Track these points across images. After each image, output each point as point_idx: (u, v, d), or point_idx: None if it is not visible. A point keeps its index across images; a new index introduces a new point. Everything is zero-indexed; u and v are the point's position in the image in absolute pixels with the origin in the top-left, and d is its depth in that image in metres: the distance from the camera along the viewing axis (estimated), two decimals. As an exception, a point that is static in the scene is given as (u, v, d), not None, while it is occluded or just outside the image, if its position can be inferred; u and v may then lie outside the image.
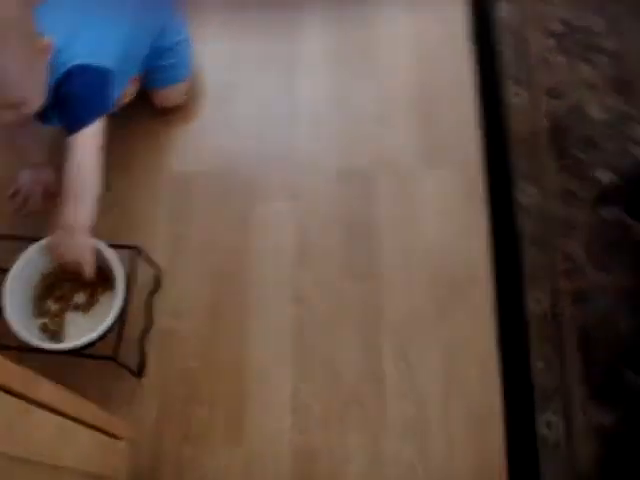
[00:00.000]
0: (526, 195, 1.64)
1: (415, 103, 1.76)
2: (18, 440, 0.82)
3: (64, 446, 0.97)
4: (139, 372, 1.50)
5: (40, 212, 1.66)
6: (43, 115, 1.46)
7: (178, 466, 1.44)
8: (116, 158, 1.68)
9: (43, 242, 1.45)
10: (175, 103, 1.79)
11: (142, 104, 1.76)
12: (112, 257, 1.42)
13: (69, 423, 1.00)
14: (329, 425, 1.45)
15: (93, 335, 1.35)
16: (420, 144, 1.71)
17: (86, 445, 1.08)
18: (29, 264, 1.45)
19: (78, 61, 1.40)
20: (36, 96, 1.36)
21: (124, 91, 1.64)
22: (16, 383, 0.82)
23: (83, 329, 1.41)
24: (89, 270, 1.42)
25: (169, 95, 1.76)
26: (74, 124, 1.41)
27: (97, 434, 1.13)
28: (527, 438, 1.44)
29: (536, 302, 1.53)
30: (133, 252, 1.46)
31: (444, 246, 1.60)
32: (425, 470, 1.41)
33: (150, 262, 1.55)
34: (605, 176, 1.66)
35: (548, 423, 1.44)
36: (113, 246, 1.44)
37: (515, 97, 1.74)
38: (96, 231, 1.43)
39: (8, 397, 0.80)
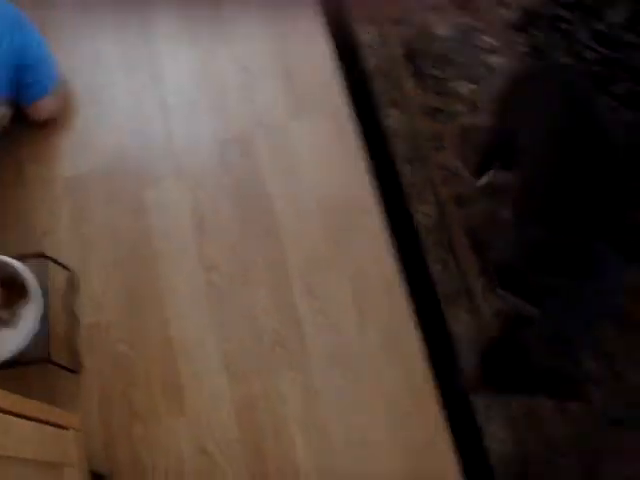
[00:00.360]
0: (393, 119, 1.74)
1: (274, 64, 1.85)
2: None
3: (9, 439, 1.05)
4: (75, 369, 1.58)
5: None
6: None
7: (130, 444, 1.53)
8: (10, 177, 1.77)
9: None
10: (50, 114, 1.84)
11: (22, 122, 1.82)
12: (21, 268, 1.49)
13: (11, 419, 1.08)
14: (260, 374, 1.55)
15: (18, 341, 1.43)
16: (287, 100, 1.80)
17: (30, 436, 1.15)
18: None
19: None
20: None
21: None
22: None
23: (15, 342, 1.48)
24: None
25: (42, 108, 1.81)
26: None
27: (41, 426, 1.20)
28: (443, 337, 1.56)
29: (424, 215, 1.65)
30: (41, 260, 1.54)
31: (329, 186, 1.70)
32: (357, 390, 1.53)
33: (62, 266, 1.62)
34: (463, 87, 1.77)
35: (456, 315, 1.57)
36: (21, 258, 1.51)
37: (366, 34, 1.84)
38: (5, 249, 1.51)
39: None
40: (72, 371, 1.57)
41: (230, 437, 1.52)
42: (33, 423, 1.17)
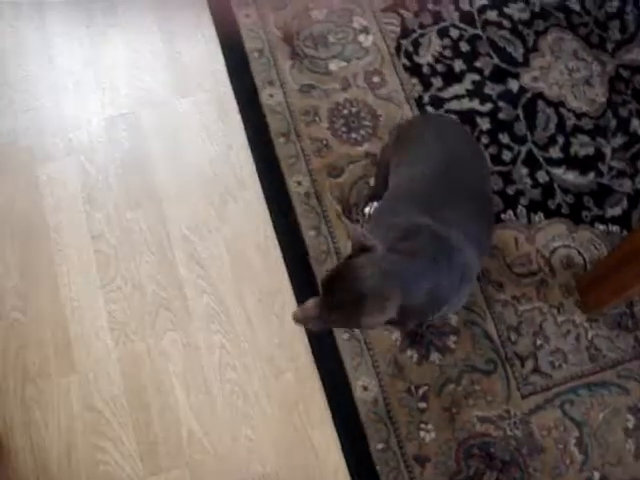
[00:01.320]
0: (271, 97, 1.86)
1: (162, 47, 1.96)
2: None
3: None
4: (-32, 336, 1.68)
5: None
6: None
7: (23, 405, 1.63)
8: None
9: None
10: None
11: None
12: None
13: None
14: (145, 333, 1.67)
15: None
16: (173, 80, 1.92)
17: None
18: None
19: None
20: None
21: None
22: None
23: None
24: None
25: None
26: None
27: None
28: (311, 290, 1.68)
29: (297, 184, 1.77)
30: None
31: (211, 160, 1.82)
32: (235, 348, 1.65)
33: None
34: (336, 65, 1.90)
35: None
36: None
37: (246, 18, 1.96)
38: None
39: None
40: (-35, 336, 1.67)
41: (116, 393, 1.63)
42: None
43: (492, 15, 1.97)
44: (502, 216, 1.75)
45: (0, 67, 1.98)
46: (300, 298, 1.67)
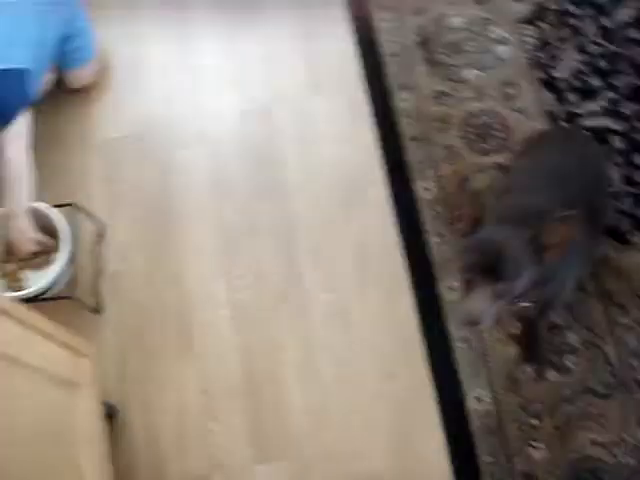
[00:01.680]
0: (404, 101, 1.87)
1: (298, 45, 2.00)
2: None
3: (29, 350, 1.20)
4: (97, 310, 1.74)
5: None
6: None
7: (141, 380, 1.69)
8: (49, 137, 1.93)
9: (-1, 211, 1.69)
10: (86, 82, 2.00)
11: (63, 86, 1.99)
12: (56, 217, 1.66)
13: (34, 335, 1.23)
14: (264, 323, 1.71)
15: (46, 280, 1.59)
16: (307, 78, 1.95)
17: (52, 354, 1.31)
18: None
19: None
20: None
21: (43, 80, 1.86)
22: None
23: (44, 282, 1.63)
24: (27, 248, 1.68)
25: (79, 76, 1.97)
26: (5, 114, 1.64)
27: (60, 347, 1.35)
28: (434, 303, 1.69)
29: (425, 190, 1.78)
30: (72, 208, 1.70)
31: (340, 158, 1.84)
32: (351, 347, 1.67)
33: (91, 217, 1.80)
34: (471, 74, 1.90)
35: (450, 287, 1.69)
36: (56, 207, 1.68)
37: (384, 22, 1.97)
38: (43, 201, 1.69)
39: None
40: (94, 311, 1.74)
41: (231, 379, 1.67)
42: (52, 343, 1.33)
43: (633, 33, 1.94)
44: (629, 238, 1.72)
45: (142, 52, 2.06)
46: (421, 304, 1.69)
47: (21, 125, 1.66)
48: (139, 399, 1.68)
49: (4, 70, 1.61)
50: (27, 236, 1.66)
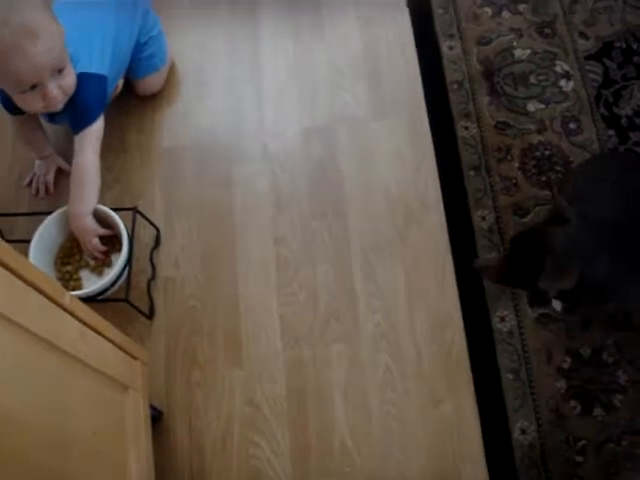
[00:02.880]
0: (465, 130, 1.89)
1: (362, 64, 2.02)
2: (49, 329, 1.07)
3: (86, 347, 1.22)
4: (150, 314, 1.77)
5: (53, 194, 1.95)
6: (53, 115, 1.77)
7: (188, 388, 1.70)
8: (114, 142, 1.97)
9: (58, 212, 1.72)
10: (154, 91, 2.04)
11: (130, 93, 2.04)
12: (116, 217, 1.69)
13: (91, 333, 1.25)
14: (313, 340, 1.71)
15: (105, 280, 1.63)
16: (371, 99, 1.97)
17: (107, 354, 1.33)
18: (47, 233, 1.73)
19: (79, 69, 1.68)
20: (74, 81, 1.65)
21: (116, 85, 1.92)
22: (47, 287, 1.08)
23: (100, 283, 1.66)
24: (92, 247, 1.72)
25: (148, 84, 2.02)
26: (78, 124, 1.72)
27: (115, 348, 1.37)
28: (484, 332, 1.68)
29: (481, 219, 1.78)
30: (133, 213, 1.73)
31: (399, 182, 1.85)
32: (399, 371, 1.66)
33: (149, 222, 1.82)
34: (534, 106, 1.90)
35: (502, 317, 1.69)
36: (115, 210, 1.71)
37: (449, 50, 1.99)
38: (104, 204, 1.73)
39: (41, 296, 1.05)
40: (146, 316, 1.76)
41: (277, 393, 1.67)
42: (109, 343, 1.35)
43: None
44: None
45: (210, 64, 2.10)
46: (471, 332, 1.68)
47: (96, 129, 1.73)
48: (184, 405, 1.69)
49: (89, 75, 1.69)
50: (94, 234, 1.70)
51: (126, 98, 2.03)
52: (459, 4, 2.06)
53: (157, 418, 1.66)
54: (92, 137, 1.72)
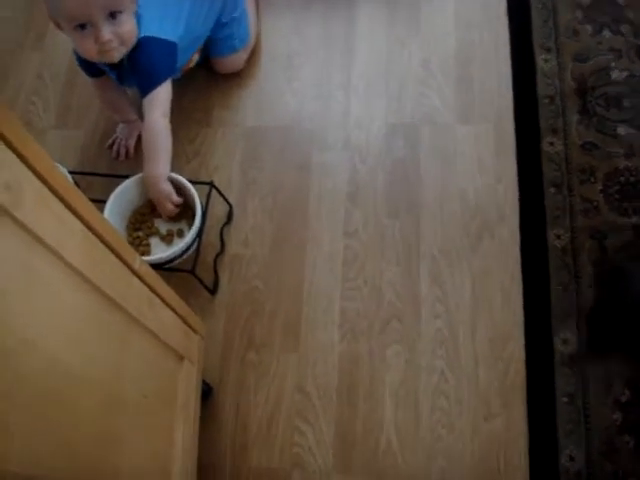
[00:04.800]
0: (551, 146, 1.85)
1: (454, 66, 2.00)
2: (117, 289, 1.08)
3: (150, 312, 1.23)
4: (214, 289, 1.78)
5: (132, 159, 1.98)
6: (121, 76, 1.80)
7: (242, 366, 1.72)
8: (198, 115, 1.99)
9: (134, 178, 1.74)
10: (231, 70, 2.05)
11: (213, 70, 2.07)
12: (192, 189, 1.71)
13: (156, 299, 1.27)
14: (371, 337, 1.71)
15: (176, 249, 1.64)
16: (458, 102, 1.94)
17: (168, 322, 1.34)
18: (122, 197, 1.75)
19: (148, 33, 1.70)
20: (133, 33, 1.66)
21: (189, 59, 1.93)
22: (121, 249, 1.09)
23: (171, 251, 1.68)
24: (167, 211, 1.74)
25: (227, 63, 2.03)
26: (145, 86, 1.73)
27: (177, 318, 1.39)
28: (544, 352, 1.66)
29: (556, 237, 1.75)
30: (209, 187, 1.75)
31: (477, 189, 1.83)
32: (454, 380, 1.65)
33: (224, 198, 1.84)
34: (624, 130, 1.86)
35: (564, 340, 1.66)
36: (192, 182, 1.73)
37: (544, 62, 1.95)
38: (181, 175, 1.75)
39: (113, 256, 1.07)
40: (209, 290, 1.77)
41: (329, 384, 1.68)
42: (172, 312, 1.36)
43: None
44: None
45: (303, 51, 2.10)
46: (531, 349, 1.65)
47: (163, 93, 1.74)
48: (235, 384, 1.71)
49: (157, 39, 1.71)
50: (169, 199, 1.72)
51: (213, 73, 2.05)
52: (560, 18, 2.02)
53: (207, 393, 1.68)
54: (159, 100, 1.73)
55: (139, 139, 1.97)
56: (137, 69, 1.73)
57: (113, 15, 1.59)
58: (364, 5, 2.13)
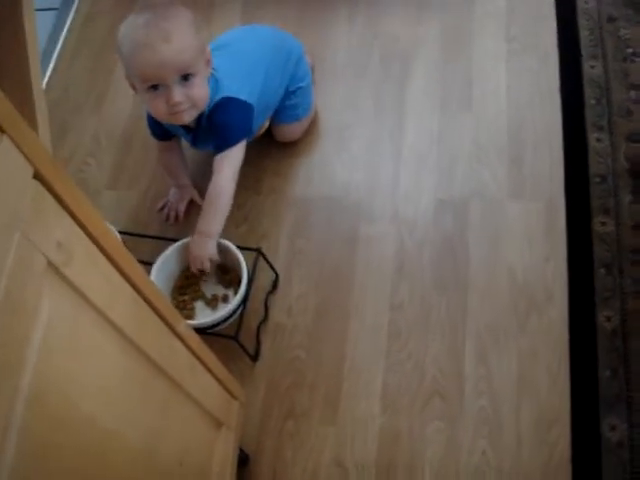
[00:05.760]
0: (602, 226, 1.83)
1: (506, 143, 1.99)
2: (161, 353, 1.08)
3: (191, 377, 1.23)
4: (255, 356, 1.77)
5: (181, 223, 2.00)
6: (196, 138, 1.84)
7: (279, 437, 1.69)
8: (249, 182, 2.01)
9: (183, 242, 1.76)
10: (291, 139, 2.08)
11: (270, 137, 2.09)
12: (239, 255, 1.72)
13: (198, 364, 1.26)
14: (412, 413, 1.67)
15: (220, 314, 1.65)
16: (509, 180, 1.94)
17: (209, 387, 1.33)
18: (169, 260, 1.77)
19: (228, 94, 1.76)
20: (204, 94, 1.71)
21: (261, 125, 1.98)
22: (166, 312, 1.09)
23: (214, 317, 1.69)
24: (204, 266, 1.76)
25: (287, 132, 2.06)
26: (220, 143, 1.78)
27: (218, 384, 1.38)
28: (590, 439, 1.60)
29: (606, 319, 1.71)
30: (256, 254, 1.75)
31: (525, 268, 1.80)
32: (496, 461, 1.60)
33: (270, 265, 1.84)
34: (678, 214, 1.84)
35: (612, 426, 1.61)
36: (239, 248, 1.74)
37: (597, 142, 1.94)
38: (229, 240, 1.77)
39: (159, 319, 1.07)
40: (251, 357, 1.76)
41: (367, 459, 1.64)
42: (213, 378, 1.35)
43: None
44: None
45: (355, 123, 2.12)
46: (577, 436, 1.60)
47: (237, 153, 1.78)
48: (272, 453, 1.68)
49: (237, 100, 1.76)
50: (209, 257, 1.75)
51: (267, 141, 2.07)
52: (613, 97, 2.01)
53: (244, 461, 1.65)
54: (232, 159, 1.77)
55: (189, 204, 2.01)
56: (215, 127, 1.77)
57: (186, 77, 1.64)
58: (417, 80, 2.15)
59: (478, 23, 2.22)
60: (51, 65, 2.42)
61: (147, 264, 1.77)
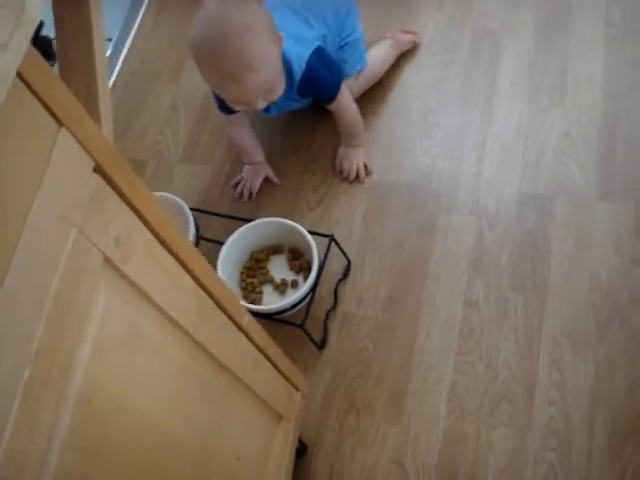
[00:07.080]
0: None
1: (597, 138, 1.88)
2: (223, 349, 1.05)
3: (254, 373, 1.19)
4: (321, 344, 1.73)
5: (254, 201, 1.96)
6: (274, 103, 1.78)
7: (339, 430, 1.65)
8: (327, 163, 1.97)
9: (255, 223, 1.72)
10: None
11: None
12: (310, 241, 1.67)
13: (261, 357, 1.22)
14: (479, 417, 1.61)
15: (288, 301, 1.61)
16: (598, 176, 1.82)
17: (272, 381, 1.30)
18: (239, 241, 1.73)
19: (307, 50, 1.72)
20: (281, 83, 1.67)
21: None
22: (230, 306, 1.06)
23: (281, 303, 1.65)
24: (361, 176, 1.94)
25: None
26: (329, 94, 1.81)
27: (281, 377, 1.34)
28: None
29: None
30: (329, 240, 1.70)
31: (610, 271, 1.70)
32: (563, 474, 1.52)
33: (343, 253, 1.79)
34: None
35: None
36: (312, 233, 1.69)
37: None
38: (302, 225, 1.73)
39: (222, 314, 1.03)
40: (317, 345, 1.72)
41: (428, 461, 1.58)
42: (276, 371, 1.32)
43: None
44: None
45: (441, 109, 2.03)
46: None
47: (344, 91, 1.84)
48: (331, 446, 1.64)
49: (319, 48, 1.76)
50: (365, 163, 1.95)
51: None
52: None
53: (302, 452, 1.62)
54: (343, 95, 1.83)
55: (264, 181, 1.97)
56: (315, 86, 1.78)
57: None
58: (507, 65, 2.05)
59: (575, 7, 2.10)
60: (130, 37, 2.42)
61: (217, 242, 1.74)
